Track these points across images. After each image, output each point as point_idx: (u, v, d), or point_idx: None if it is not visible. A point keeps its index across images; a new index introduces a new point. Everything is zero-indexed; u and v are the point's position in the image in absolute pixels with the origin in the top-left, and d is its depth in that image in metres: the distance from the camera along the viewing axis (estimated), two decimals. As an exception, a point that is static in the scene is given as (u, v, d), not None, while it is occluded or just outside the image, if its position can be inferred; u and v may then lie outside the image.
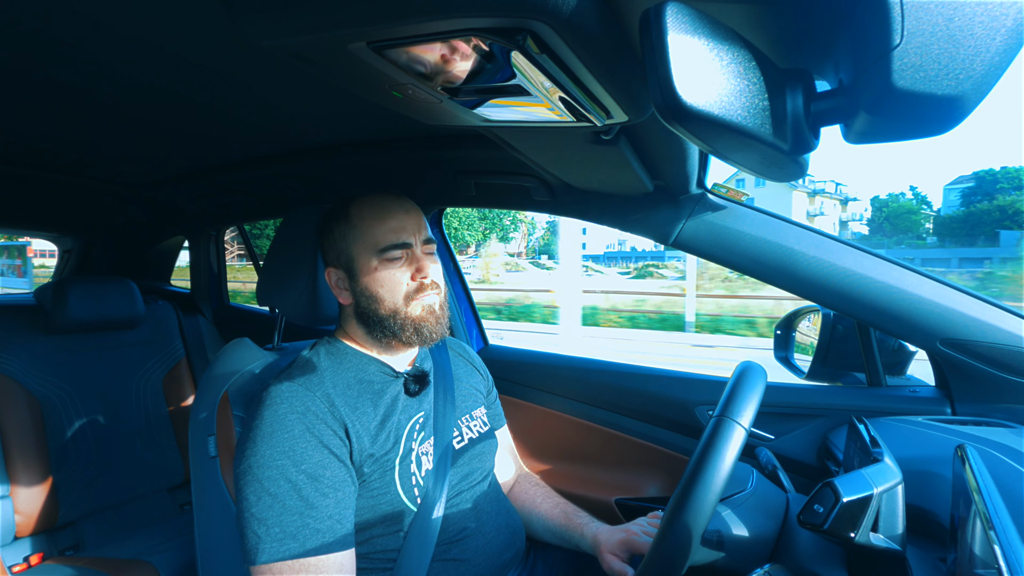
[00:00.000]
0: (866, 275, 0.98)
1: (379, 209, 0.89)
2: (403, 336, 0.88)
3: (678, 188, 1.06)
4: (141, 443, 1.65)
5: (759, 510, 0.82)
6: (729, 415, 0.67)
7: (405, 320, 0.88)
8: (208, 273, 2.18)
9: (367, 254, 0.88)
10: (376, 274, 0.87)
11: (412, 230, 0.90)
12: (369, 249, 0.88)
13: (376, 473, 0.82)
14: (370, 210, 0.89)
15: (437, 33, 0.48)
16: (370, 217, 0.89)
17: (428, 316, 0.89)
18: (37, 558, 1.39)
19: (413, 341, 0.89)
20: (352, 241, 0.89)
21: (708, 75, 0.37)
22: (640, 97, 0.63)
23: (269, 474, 0.74)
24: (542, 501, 1.08)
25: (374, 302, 0.88)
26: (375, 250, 0.87)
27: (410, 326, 0.88)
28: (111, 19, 0.67)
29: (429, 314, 0.89)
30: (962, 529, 0.54)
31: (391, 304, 0.88)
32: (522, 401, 1.45)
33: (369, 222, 0.88)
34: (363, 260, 0.88)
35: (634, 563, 0.90)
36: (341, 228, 0.90)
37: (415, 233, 0.90)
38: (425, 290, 0.88)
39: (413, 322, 0.88)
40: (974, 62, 0.34)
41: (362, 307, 0.90)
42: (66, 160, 1.39)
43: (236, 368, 0.95)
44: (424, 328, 0.88)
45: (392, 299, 0.87)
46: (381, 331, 0.89)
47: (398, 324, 0.88)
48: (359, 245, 0.88)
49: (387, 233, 0.88)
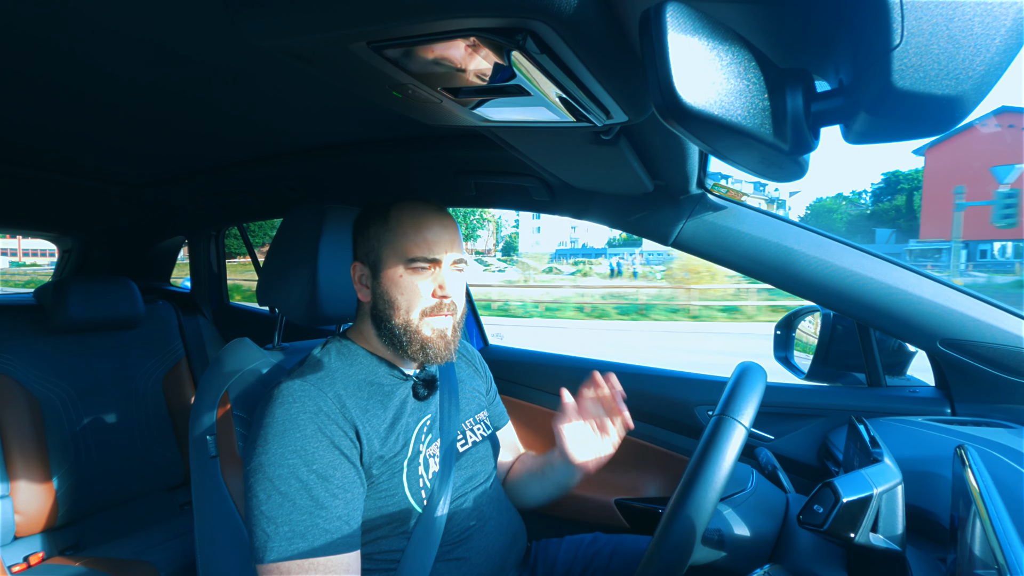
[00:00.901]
0: (866, 275, 0.97)
1: (418, 218, 0.89)
2: (409, 350, 0.88)
3: (678, 188, 1.06)
4: (141, 443, 1.65)
5: (759, 510, 0.82)
6: (730, 414, 0.67)
7: (414, 335, 0.88)
8: (208, 273, 2.18)
9: (395, 259, 0.88)
10: (399, 281, 0.87)
11: (445, 247, 0.89)
12: (398, 255, 0.88)
13: (385, 475, 0.83)
14: (409, 217, 0.89)
15: (437, 33, 0.48)
16: (407, 224, 0.89)
17: (438, 339, 0.88)
18: (37, 558, 1.39)
19: (418, 357, 0.89)
20: (385, 243, 0.89)
21: (708, 75, 0.37)
22: (640, 97, 0.63)
23: (280, 472, 0.74)
24: (531, 462, 1.11)
25: (390, 307, 0.88)
26: (404, 258, 0.87)
27: (417, 342, 0.88)
28: (111, 19, 0.67)
29: (439, 337, 0.89)
30: (962, 529, 0.54)
31: (405, 314, 0.87)
32: (522, 401, 1.45)
33: (405, 228, 0.88)
34: (390, 264, 0.88)
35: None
36: (377, 227, 0.90)
37: (447, 250, 0.89)
38: (442, 310, 0.88)
39: (422, 340, 0.88)
40: (974, 62, 0.34)
41: (378, 309, 0.90)
42: (66, 160, 1.39)
43: (236, 368, 0.95)
44: (430, 349, 0.88)
45: (407, 308, 0.87)
46: (390, 338, 0.89)
47: (407, 337, 0.88)
48: (390, 248, 0.88)
49: (420, 244, 0.87)
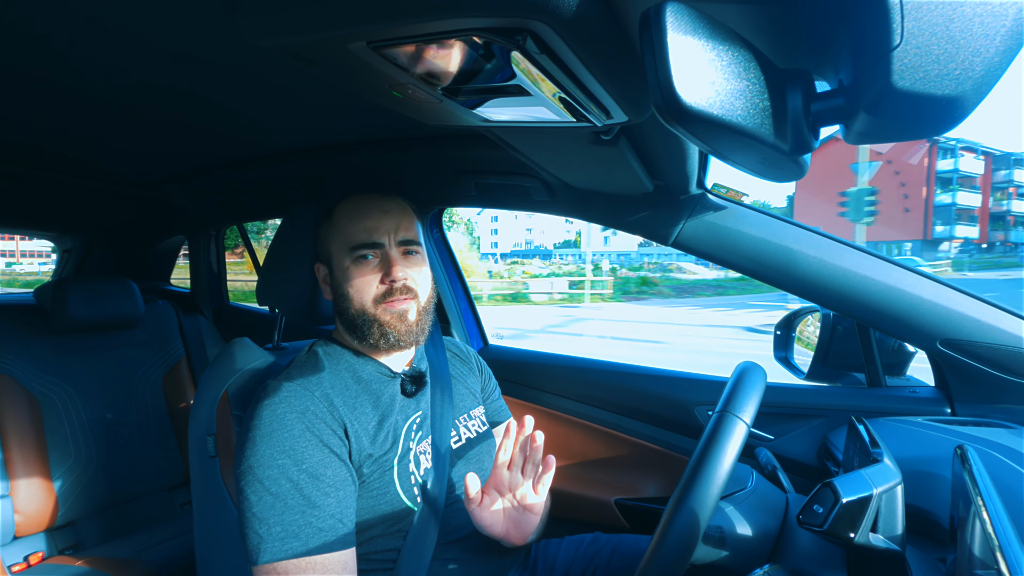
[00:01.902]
0: (866, 275, 0.97)
1: (356, 208, 0.90)
2: (371, 338, 0.86)
3: (678, 188, 1.06)
4: (141, 443, 1.65)
5: (759, 509, 0.82)
6: (731, 410, 0.67)
7: (372, 322, 0.86)
8: (208, 273, 2.18)
9: (341, 252, 0.88)
10: (347, 273, 0.88)
11: (387, 230, 0.88)
12: (343, 247, 0.88)
13: (375, 473, 0.82)
14: (349, 208, 0.90)
15: (437, 33, 0.48)
16: (347, 215, 0.89)
17: (396, 322, 0.86)
18: (37, 558, 1.39)
19: (381, 345, 0.87)
20: (331, 238, 0.90)
21: (708, 75, 0.37)
22: (640, 97, 0.63)
23: (270, 473, 0.74)
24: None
25: (345, 300, 0.88)
26: (347, 248, 0.88)
27: (377, 329, 0.86)
28: (111, 18, 0.67)
29: (398, 320, 0.87)
30: (962, 529, 0.54)
31: (359, 305, 0.87)
32: (522, 401, 1.45)
33: (345, 220, 0.89)
34: (338, 258, 0.89)
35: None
36: (325, 226, 0.92)
37: (390, 233, 0.88)
38: (395, 295, 0.86)
39: (380, 325, 0.86)
40: (974, 62, 0.34)
41: (337, 304, 0.91)
42: (66, 160, 1.39)
43: (236, 368, 0.95)
44: (391, 333, 0.86)
45: (360, 299, 0.87)
46: (353, 330, 0.89)
47: (365, 326, 0.87)
48: (336, 243, 0.89)
49: (359, 232, 0.88)
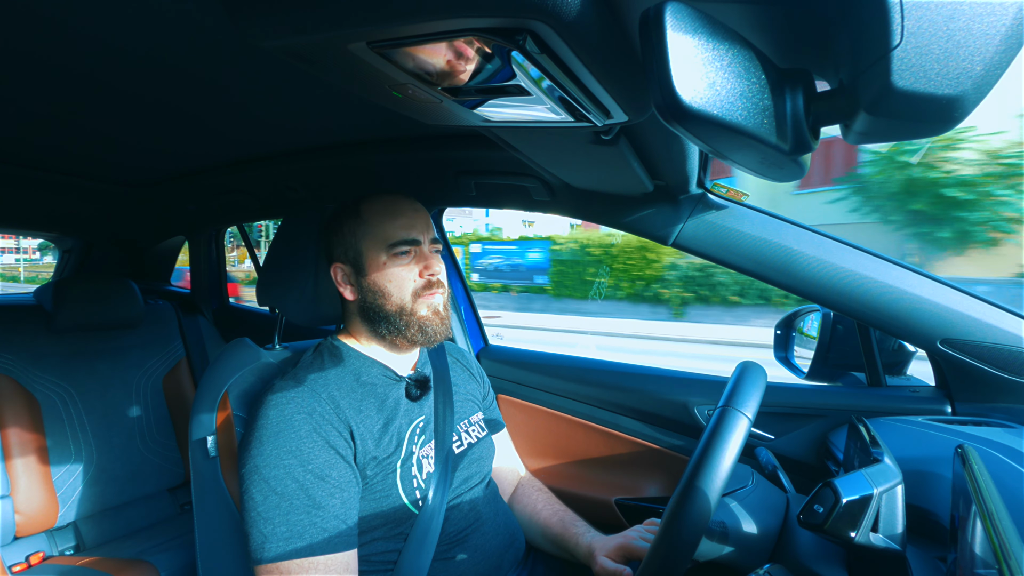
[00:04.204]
0: (866, 275, 0.97)
1: (390, 206, 0.92)
2: (408, 334, 0.89)
3: (678, 188, 1.06)
4: (141, 443, 1.65)
5: (760, 506, 0.82)
6: (734, 405, 0.67)
7: (411, 318, 0.89)
8: (208, 273, 2.18)
9: (376, 249, 0.89)
10: (385, 269, 0.89)
11: (421, 228, 0.91)
12: (379, 244, 0.89)
13: (379, 476, 0.83)
14: (381, 207, 0.92)
15: (437, 33, 0.48)
16: (381, 213, 0.91)
17: (433, 316, 0.90)
18: (37, 558, 1.39)
19: (418, 340, 0.89)
20: (362, 236, 0.90)
21: (708, 75, 0.37)
22: (640, 97, 0.62)
23: (276, 473, 0.74)
24: (543, 508, 1.08)
25: (381, 297, 0.89)
26: (385, 245, 0.89)
27: (415, 324, 0.89)
28: (111, 18, 0.67)
29: (435, 314, 0.90)
30: (962, 529, 0.54)
31: (398, 300, 0.89)
32: (522, 401, 1.45)
33: (380, 218, 0.90)
34: (372, 255, 0.89)
35: (632, 568, 0.90)
36: (351, 224, 0.92)
37: (424, 232, 0.92)
38: (432, 288, 0.89)
39: (419, 321, 0.89)
40: (974, 62, 0.34)
41: (368, 303, 0.90)
42: (66, 160, 1.39)
43: (236, 368, 0.95)
44: (429, 328, 0.89)
45: (399, 295, 0.89)
46: (387, 328, 0.90)
47: (404, 322, 0.89)
48: (369, 240, 0.90)
49: (397, 229, 0.89)
